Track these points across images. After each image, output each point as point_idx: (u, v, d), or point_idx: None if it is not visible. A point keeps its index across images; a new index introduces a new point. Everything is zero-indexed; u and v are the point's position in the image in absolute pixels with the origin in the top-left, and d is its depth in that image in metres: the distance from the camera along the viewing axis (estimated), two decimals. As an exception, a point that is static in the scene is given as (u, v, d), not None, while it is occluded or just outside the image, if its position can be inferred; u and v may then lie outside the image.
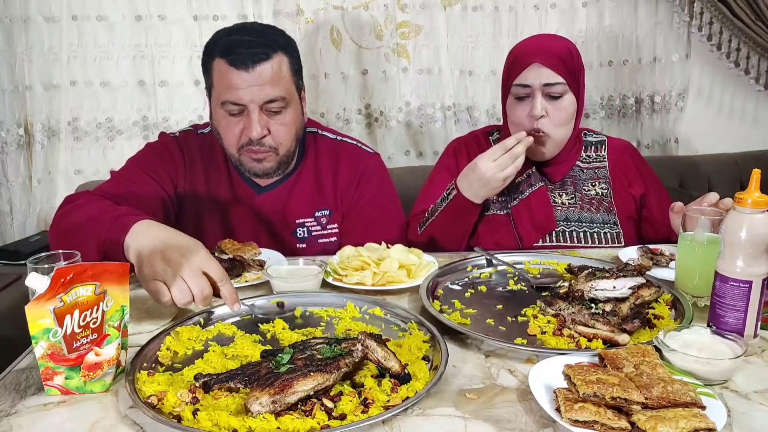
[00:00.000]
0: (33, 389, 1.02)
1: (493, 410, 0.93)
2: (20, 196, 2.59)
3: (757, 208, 1.03)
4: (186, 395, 0.94)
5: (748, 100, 2.77)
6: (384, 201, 1.77)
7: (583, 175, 1.78)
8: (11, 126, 2.52)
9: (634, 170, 1.82)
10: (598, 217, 1.74)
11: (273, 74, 1.52)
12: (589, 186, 1.77)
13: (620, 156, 1.83)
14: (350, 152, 1.77)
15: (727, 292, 1.07)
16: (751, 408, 0.93)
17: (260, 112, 1.53)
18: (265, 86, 1.51)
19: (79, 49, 2.48)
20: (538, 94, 1.64)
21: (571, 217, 1.74)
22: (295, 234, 1.71)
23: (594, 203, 1.75)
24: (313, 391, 0.91)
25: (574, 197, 1.76)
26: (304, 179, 1.72)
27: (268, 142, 1.57)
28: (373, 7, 2.53)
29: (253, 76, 1.50)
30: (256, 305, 1.26)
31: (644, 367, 0.95)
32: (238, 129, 1.56)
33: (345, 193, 1.73)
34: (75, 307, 0.96)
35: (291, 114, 1.58)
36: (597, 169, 1.79)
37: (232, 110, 1.54)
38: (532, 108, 1.64)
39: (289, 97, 1.56)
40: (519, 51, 1.70)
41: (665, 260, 1.47)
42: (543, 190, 1.74)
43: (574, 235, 1.72)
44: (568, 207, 1.75)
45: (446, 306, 1.29)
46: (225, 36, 1.56)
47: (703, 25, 2.61)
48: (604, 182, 1.78)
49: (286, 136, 1.59)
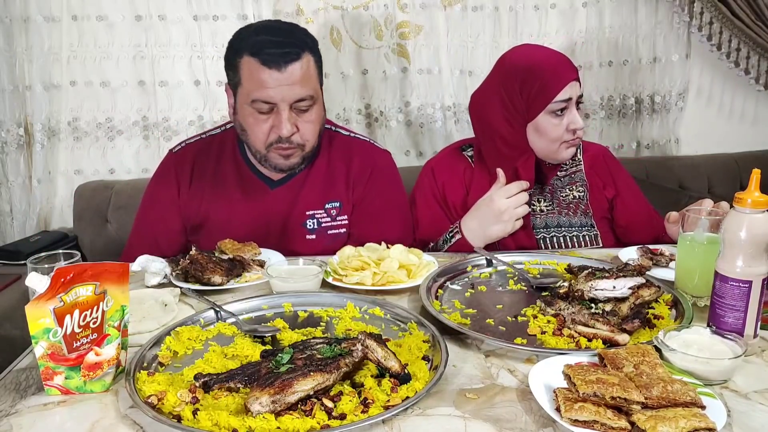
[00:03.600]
0: (33, 389, 1.02)
1: (493, 410, 0.93)
2: (20, 196, 2.59)
3: (756, 208, 1.03)
4: (186, 395, 0.94)
5: (748, 100, 2.78)
6: (393, 195, 1.80)
7: (561, 183, 1.79)
8: (11, 126, 2.52)
9: (608, 173, 1.83)
10: (575, 221, 1.75)
11: (303, 74, 1.55)
12: (566, 191, 1.78)
13: (595, 159, 1.84)
14: (362, 148, 1.81)
15: (727, 292, 1.07)
16: (750, 408, 0.93)
17: (290, 111, 1.56)
18: (296, 86, 1.54)
19: (79, 49, 2.47)
20: (573, 107, 1.66)
21: (550, 224, 1.75)
22: (305, 225, 1.72)
23: (571, 207, 1.76)
24: (313, 390, 0.91)
25: (552, 203, 1.76)
26: (317, 172, 1.75)
27: (296, 140, 1.60)
28: (373, 7, 2.52)
29: (285, 75, 1.53)
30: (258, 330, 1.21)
31: (644, 366, 0.95)
32: (267, 126, 1.58)
33: (356, 186, 1.76)
34: (75, 306, 0.96)
35: (317, 111, 1.62)
36: (574, 174, 1.80)
37: (261, 108, 1.57)
38: (572, 120, 1.65)
39: (316, 96, 1.60)
40: (550, 67, 1.65)
41: (665, 260, 1.47)
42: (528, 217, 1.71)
43: (554, 241, 1.73)
44: (546, 214, 1.75)
45: (446, 306, 1.30)
46: (253, 35, 1.58)
47: (703, 25, 2.61)
48: (581, 185, 1.79)
49: (313, 132, 1.63)
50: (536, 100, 1.65)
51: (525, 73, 1.66)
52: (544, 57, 1.69)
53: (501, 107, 1.69)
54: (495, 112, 1.70)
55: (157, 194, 1.78)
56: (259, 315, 1.27)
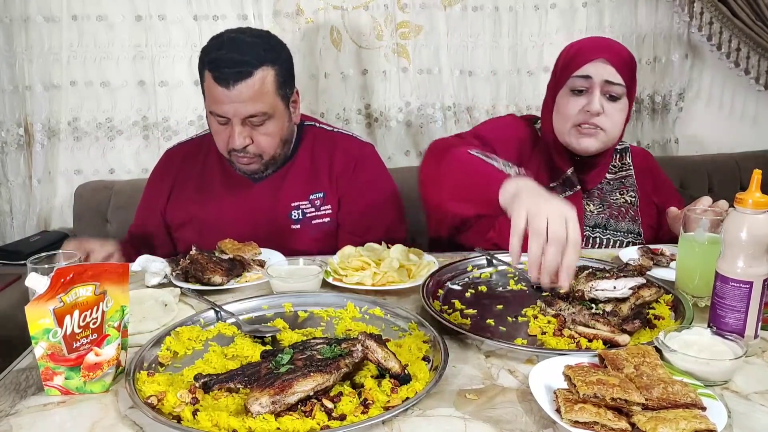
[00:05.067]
0: (33, 389, 1.02)
1: (493, 411, 0.93)
2: (20, 196, 2.59)
3: (757, 208, 1.03)
4: (186, 395, 0.94)
5: (748, 100, 2.77)
6: (381, 185, 1.85)
7: (609, 187, 1.75)
8: (11, 126, 2.52)
9: (656, 177, 1.81)
10: (622, 226, 1.72)
11: (254, 92, 1.58)
12: (617, 195, 1.75)
13: (643, 163, 1.81)
14: (345, 141, 1.86)
15: (728, 292, 1.06)
16: (751, 409, 0.93)
17: (242, 125, 1.62)
18: (246, 103, 1.58)
19: (79, 49, 2.47)
20: (596, 90, 1.59)
21: (598, 223, 1.72)
22: (290, 216, 1.77)
23: (621, 211, 1.73)
24: (313, 391, 0.91)
25: (602, 206, 1.73)
26: (300, 165, 1.79)
27: (252, 150, 1.66)
28: (373, 7, 2.52)
29: (234, 93, 1.57)
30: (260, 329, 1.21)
31: (644, 367, 0.95)
32: (226, 135, 1.65)
33: (341, 177, 1.80)
34: (75, 307, 0.96)
35: (274, 125, 1.66)
36: (624, 178, 1.77)
37: (219, 120, 1.63)
38: (589, 102, 1.59)
39: (271, 111, 1.63)
40: (583, 45, 1.65)
41: (666, 260, 1.47)
42: (579, 195, 1.68)
43: (596, 241, 1.70)
44: (596, 214, 1.72)
45: (446, 306, 1.29)
46: (215, 49, 1.62)
47: (703, 25, 2.60)
48: (632, 190, 1.76)
49: (269, 144, 1.67)
50: (561, 74, 1.65)
51: (565, 50, 1.68)
52: (587, 39, 1.70)
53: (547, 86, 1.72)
54: (553, 89, 1.69)
55: (150, 191, 1.88)
56: (259, 315, 1.27)
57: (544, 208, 1.13)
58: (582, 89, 1.61)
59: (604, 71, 1.59)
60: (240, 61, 1.57)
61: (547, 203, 1.15)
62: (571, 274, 1.13)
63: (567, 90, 1.64)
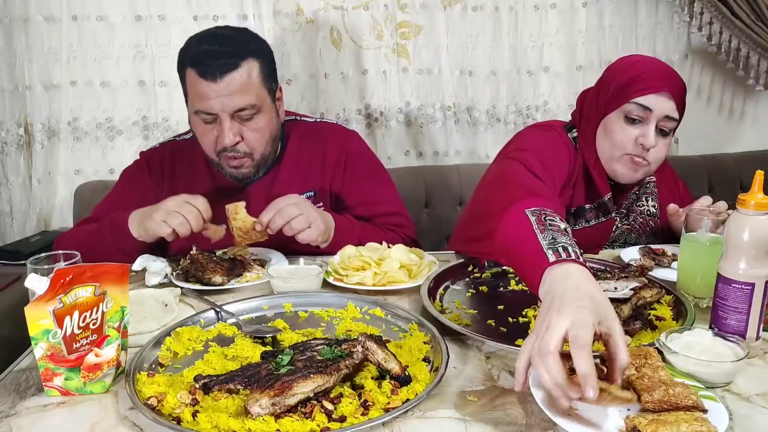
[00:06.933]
0: (33, 390, 1.02)
1: (494, 412, 0.93)
2: (20, 196, 2.59)
3: (760, 209, 1.03)
4: (186, 397, 0.94)
5: (748, 100, 2.77)
6: (377, 172, 1.85)
7: (635, 196, 1.73)
8: (11, 126, 2.51)
9: (675, 184, 1.79)
10: (642, 240, 1.71)
11: (242, 83, 1.54)
12: (642, 201, 1.72)
13: (662, 171, 1.77)
14: (333, 132, 1.84)
15: (730, 294, 1.06)
16: (753, 411, 0.93)
17: (232, 121, 1.57)
18: (234, 96, 1.54)
19: (79, 49, 2.47)
20: (653, 122, 1.53)
21: (618, 238, 1.71)
22: None
23: (643, 225, 1.71)
24: (313, 392, 0.91)
25: (628, 218, 1.72)
26: (289, 164, 1.76)
27: (242, 148, 1.61)
28: (373, 7, 2.52)
29: (221, 86, 1.53)
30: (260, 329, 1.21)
31: (646, 369, 0.94)
32: (213, 136, 1.60)
33: (334, 172, 1.78)
34: (75, 308, 0.96)
35: (263, 119, 1.61)
36: (645, 184, 1.73)
37: (205, 118, 1.58)
38: (645, 135, 1.53)
39: (260, 104, 1.59)
40: (645, 70, 1.55)
41: (667, 261, 1.47)
42: (611, 223, 1.66)
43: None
44: (621, 227, 1.71)
45: (447, 307, 1.29)
46: (195, 45, 1.59)
47: (703, 25, 2.60)
48: (652, 198, 1.73)
49: (260, 141, 1.63)
50: (617, 95, 1.57)
51: (622, 68, 1.60)
52: (647, 61, 1.61)
53: (590, 97, 1.66)
54: (604, 107, 1.61)
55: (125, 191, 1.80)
56: (259, 315, 1.27)
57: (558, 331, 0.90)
58: (637, 119, 1.55)
59: (666, 105, 1.53)
60: (224, 53, 1.54)
61: (562, 319, 0.91)
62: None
63: (620, 114, 1.56)
